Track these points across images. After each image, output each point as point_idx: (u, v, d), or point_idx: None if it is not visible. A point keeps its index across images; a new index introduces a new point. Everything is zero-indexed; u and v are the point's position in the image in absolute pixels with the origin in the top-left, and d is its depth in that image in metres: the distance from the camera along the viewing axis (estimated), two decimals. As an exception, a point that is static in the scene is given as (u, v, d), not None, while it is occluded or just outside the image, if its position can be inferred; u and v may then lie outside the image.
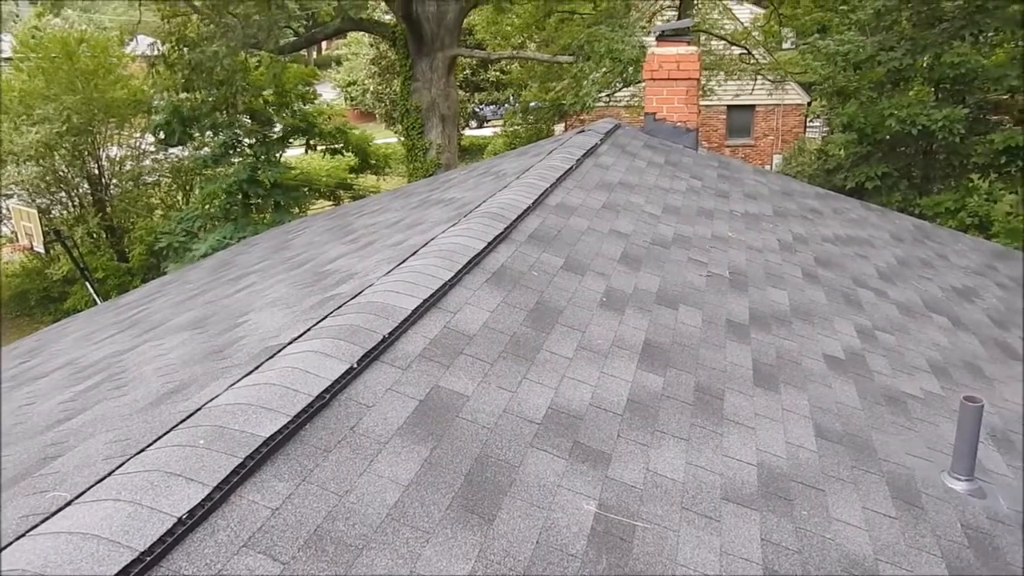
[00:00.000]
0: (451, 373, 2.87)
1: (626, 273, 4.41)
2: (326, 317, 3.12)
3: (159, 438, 2.23)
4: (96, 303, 16.99)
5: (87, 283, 17.01)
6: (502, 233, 4.29)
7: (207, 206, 17.81)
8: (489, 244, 4.08)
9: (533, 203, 4.97)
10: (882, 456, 3.26)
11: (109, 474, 2.08)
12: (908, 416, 3.73)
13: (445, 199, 6.36)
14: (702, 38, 19.81)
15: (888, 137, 14.28)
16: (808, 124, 27.76)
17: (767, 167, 27.47)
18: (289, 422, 2.29)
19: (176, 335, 4.33)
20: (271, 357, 2.76)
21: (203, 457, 2.08)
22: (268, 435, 2.21)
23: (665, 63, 8.33)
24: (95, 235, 20.34)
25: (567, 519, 2.31)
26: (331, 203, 21.18)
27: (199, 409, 2.38)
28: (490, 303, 3.50)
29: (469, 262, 3.79)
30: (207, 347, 3.58)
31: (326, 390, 2.50)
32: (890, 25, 14.32)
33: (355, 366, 2.68)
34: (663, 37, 8.48)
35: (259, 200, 18.10)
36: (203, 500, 1.94)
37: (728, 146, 27.73)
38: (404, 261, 3.86)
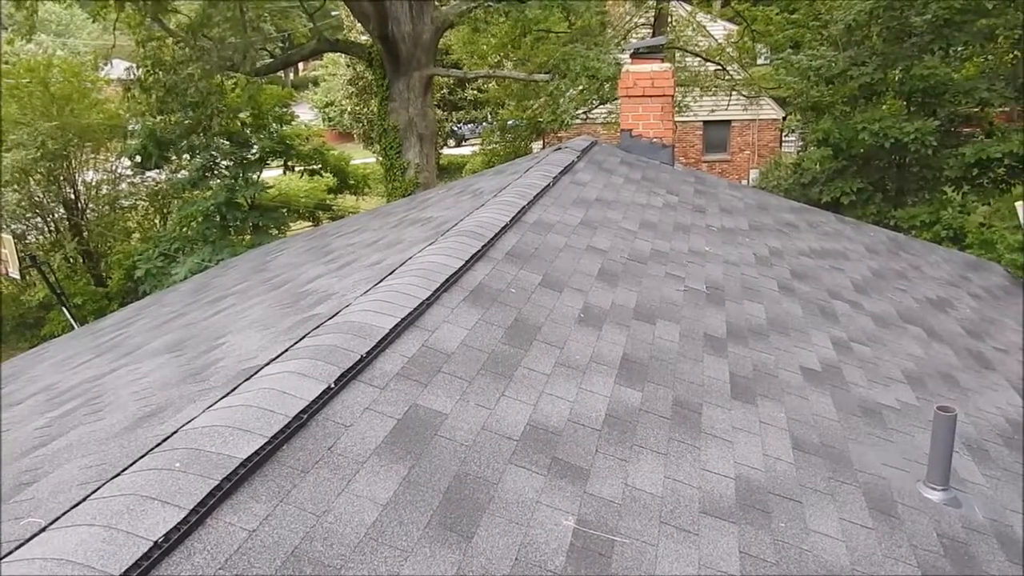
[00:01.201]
0: (429, 391, 2.87)
1: (604, 289, 4.44)
2: (303, 338, 3.11)
3: (135, 462, 2.22)
4: (74, 328, 16.85)
5: (64, 308, 16.83)
6: (479, 251, 4.31)
7: (185, 229, 17.72)
8: (466, 262, 4.10)
9: (510, 221, 4.99)
10: (858, 467, 3.29)
11: (84, 499, 2.06)
12: (884, 427, 3.77)
13: (423, 218, 6.38)
14: (677, 55, 20.01)
15: (862, 151, 14.47)
16: (784, 139, 28.05)
17: (744, 182, 27.72)
18: (266, 443, 2.29)
19: (153, 359, 4.30)
20: (248, 379, 2.75)
21: (179, 480, 2.07)
22: (245, 456, 2.20)
23: (640, 80, 8.41)
24: (72, 260, 20.17)
25: (546, 535, 2.31)
26: (310, 224, 21.13)
27: (175, 432, 2.37)
28: (468, 321, 3.51)
29: (447, 280, 3.80)
30: (184, 370, 3.56)
31: (303, 411, 2.49)
32: (861, 40, 14.54)
33: (332, 386, 2.67)
34: (637, 54, 8.57)
35: (237, 222, 18.04)
36: (179, 523, 1.93)
37: (705, 161, 27.96)
38: (382, 280, 3.86)
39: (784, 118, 26.07)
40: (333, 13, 31.02)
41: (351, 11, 17.42)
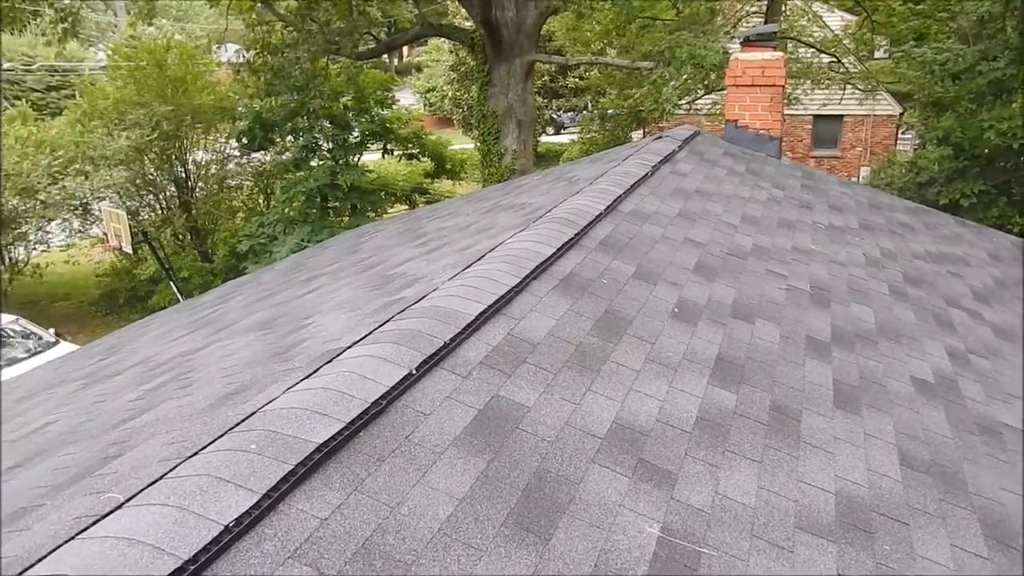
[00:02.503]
0: (512, 382, 2.77)
1: (700, 284, 4.24)
2: (388, 321, 3.05)
3: (212, 441, 2.19)
4: (179, 301, 17.52)
5: (171, 282, 17.51)
6: (572, 239, 4.18)
7: (287, 209, 18.17)
8: (558, 250, 3.97)
9: (605, 209, 4.84)
10: (973, 490, 3.03)
11: (161, 477, 2.04)
12: (1003, 447, 3.48)
13: (516, 204, 6.28)
14: (789, 45, 19.31)
15: (986, 151, 13.61)
16: (900, 136, 26.80)
17: (855, 179, 26.65)
18: (343, 428, 2.23)
19: (244, 335, 4.34)
20: (330, 361, 2.71)
21: (254, 463, 2.02)
22: (321, 441, 2.14)
23: (749, 69, 8.09)
24: (180, 236, 20.97)
25: (628, 542, 2.18)
26: (407, 207, 21.37)
27: (255, 413, 2.33)
28: (556, 311, 3.39)
29: (536, 268, 3.69)
30: (272, 348, 3.56)
31: (383, 396, 2.42)
32: (994, 33, 13.64)
33: (414, 372, 2.60)
34: (748, 42, 8.24)
35: (336, 203, 18.38)
36: (251, 508, 1.88)
37: (813, 157, 26.97)
38: (470, 266, 3.78)
39: (902, 114, 24.90)
40: (438, -1, 31.25)
41: (456, -4, 17.50)
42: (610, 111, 21.11)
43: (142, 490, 1.99)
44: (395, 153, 19.98)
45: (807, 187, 7.44)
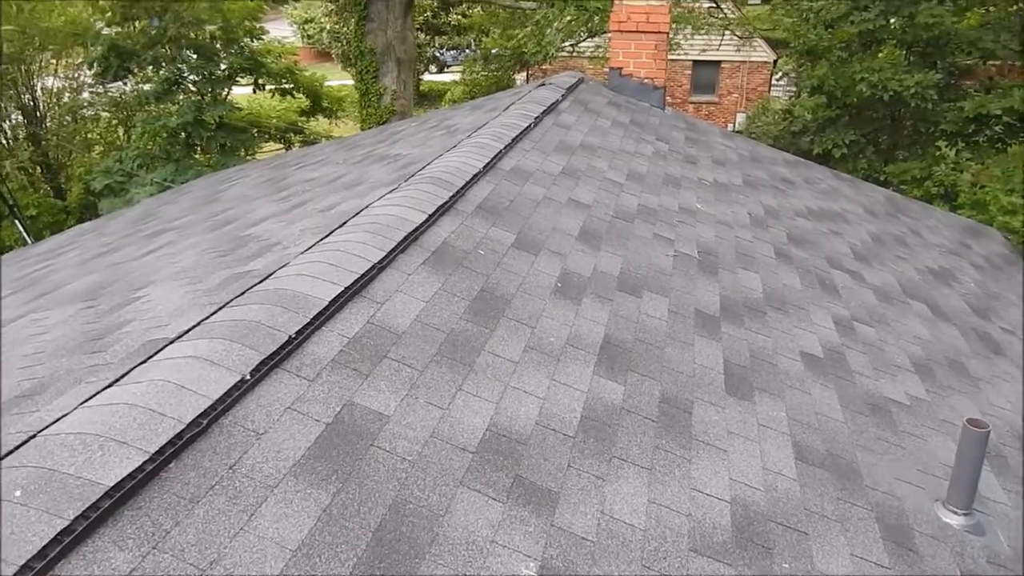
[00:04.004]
0: (370, 384, 2.36)
1: (585, 252, 3.92)
2: (224, 307, 2.58)
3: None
4: (27, 242, 16.07)
5: (16, 220, 16.05)
6: (446, 203, 3.76)
7: (149, 144, 16.82)
8: (430, 216, 3.55)
9: (484, 167, 4.43)
10: (869, 483, 2.85)
11: None
12: (894, 429, 3.33)
13: (390, 155, 5.79)
14: (671, -11, 19.10)
15: (855, 101, 13.86)
16: (773, 83, 27.29)
17: (730, 125, 27.06)
18: (146, 461, 1.78)
19: (64, 307, 3.74)
20: (146, 360, 2.23)
21: (16, 520, 1.56)
22: (113, 483, 1.69)
23: (634, 14, 7.75)
24: (29, 171, 19.22)
25: (501, 589, 1.84)
26: (281, 146, 20.23)
27: (33, 437, 1.85)
28: (426, 290, 2.99)
29: (405, 239, 3.26)
30: (88, 330, 3.02)
31: (204, 412, 1.98)
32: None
33: (247, 377, 2.15)
34: (633, -14, 7.88)
35: (204, 141, 17.16)
36: (6, 586, 1.43)
37: (692, 103, 27.20)
38: (331, 233, 3.32)
39: (775, 61, 25.31)
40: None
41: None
42: (494, 51, 20.48)
43: None
44: (267, 89, 18.75)
45: (691, 140, 7.23)
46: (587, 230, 4.20)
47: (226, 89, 18.02)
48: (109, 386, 2.10)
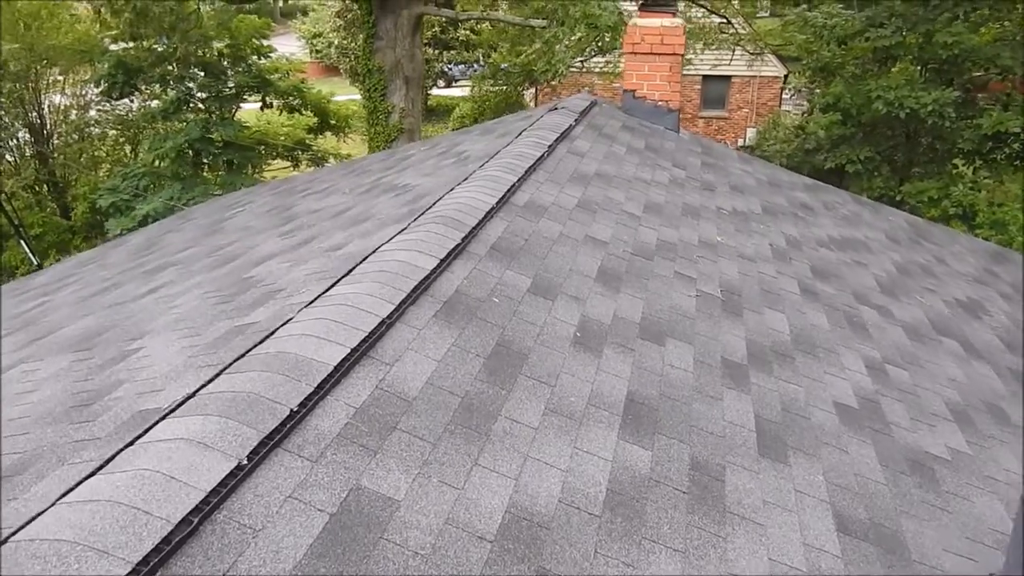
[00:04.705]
0: (379, 463, 2.17)
1: (604, 295, 3.72)
2: (222, 371, 2.39)
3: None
4: (32, 262, 15.94)
5: (21, 240, 15.94)
6: (458, 245, 3.57)
7: (157, 162, 16.72)
8: (442, 261, 3.36)
9: (497, 203, 4.24)
10: (916, 556, 2.64)
11: None
12: (938, 489, 3.12)
13: (398, 185, 5.61)
14: (681, 5, 18.97)
15: (871, 118, 13.67)
16: (784, 98, 27.13)
17: (740, 140, 26.89)
18: (128, 575, 1.58)
19: (58, 357, 3.56)
20: (133, 442, 2.04)
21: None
22: (89, 607, 1.50)
23: (648, 36, 7.57)
24: (36, 189, 19.15)
25: None
26: (289, 163, 20.10)
27: (3, 543, 1.65)
28: (438, 347, 2.80)
29: (416, 288, 3.07)
30: (79, 391, 2.84)
31: (195, 509, 1.79)
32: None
33: (245, 462, 1.96)
34: (646, 6, 7.71)
35: (211, 159, 17.06)
36: None
37: (702, 117, 27.05)
38: (337, 283, 3.13)
39: (786, 76, 25.15)
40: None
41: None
42: (503, 67, 20.36)
43: None
44: (275, 106, 18.64)
45: (708, 165, 7.04)
46: (605, 270, 4.01)
47: (234, 107, 17.94)
48: (93, 473, 1.91)
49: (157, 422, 2.13)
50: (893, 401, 3.76)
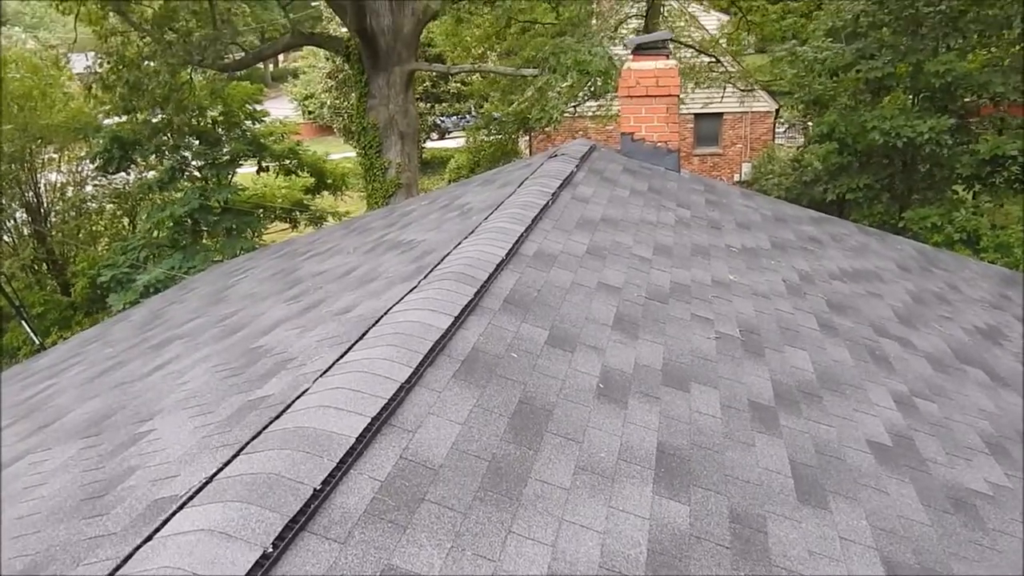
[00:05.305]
0: (409, 538, 2.06)
1: (623, 343, 3.63)
2: (239, 452, 2.30)
3: None
4: (34, 342, 15.85)
5: (23, 321, 15.88)
6: (472, 301, 3.50)
7: (156, 233, 16.75)
8: (456, 319, 3.29)
9: (507, 254, 4.18)
10: (974, 602, 2.51)
11: None
12: (983, 527, 3.00)
13: (403, 241, 5.56)
14: (671, 47, 19.18)
15: (867, 147, 13.70)
16: (777, 132, 27.31)
17: (736, 176, 27.00)
18: None
19: (65, 445, 3.46)
20: (151, 537, 1.94)
21: None
22: None
23: (643, 79, 7.60)
24: (35, 268, 19.14)
25: None
26: (287, 225, 20.13)
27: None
28: (460, 409, 2.70)
29: (432, 349, 2.99)
30: (89, 481, 2.74)
31: (221, 604, 1.68)
32: (866, 31, 13.71)
33: (270, 551, 1.86)
34: (640, 50, 7.74)
35: (210, 227, 17.08)
36: None
37: (696, 155, 27.18)
38: (351, 348, 3.05)
39: (777, 110, 25.34)
40: (314, 3, 30.05)
41: (328, 3, 16.46)
42: (495, 115, 20.51)
43: None
44: (271, 169, 18.75)
45: (712, 203, 7.00)
46: (622, 316, 3.93)
47: (230, 172, 18.02)
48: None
49: (175, 512, 2.03)
50: (926, 436, 3.65)
